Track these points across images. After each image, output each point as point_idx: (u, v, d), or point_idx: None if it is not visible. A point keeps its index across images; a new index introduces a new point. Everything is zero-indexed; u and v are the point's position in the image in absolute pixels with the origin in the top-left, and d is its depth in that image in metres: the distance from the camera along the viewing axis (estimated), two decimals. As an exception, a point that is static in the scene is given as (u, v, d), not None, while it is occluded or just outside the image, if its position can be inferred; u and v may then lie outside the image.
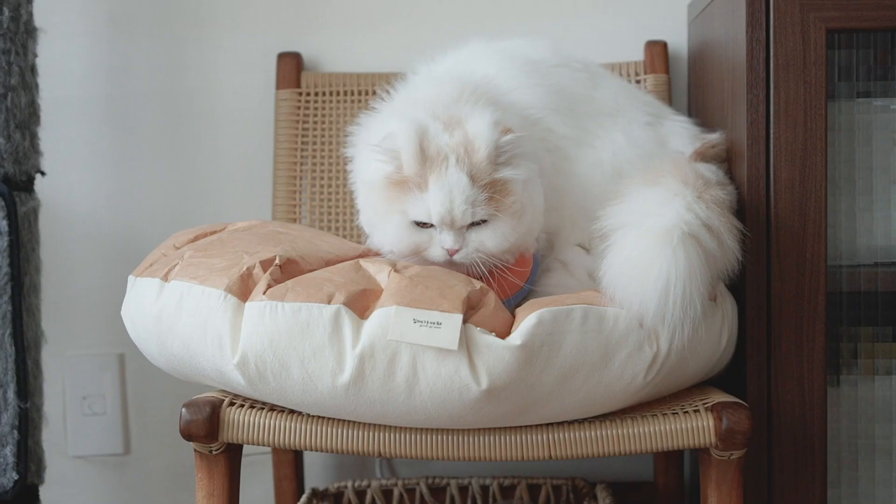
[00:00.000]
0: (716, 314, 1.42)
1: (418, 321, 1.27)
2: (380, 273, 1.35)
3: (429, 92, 1.47)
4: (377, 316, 1.28)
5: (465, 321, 1.28)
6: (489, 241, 1.39)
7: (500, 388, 1.27)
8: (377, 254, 1.52)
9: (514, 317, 1.33)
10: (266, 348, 1.29)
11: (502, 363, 1.27)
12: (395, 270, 1.34)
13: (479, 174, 1.37)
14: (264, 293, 1.31)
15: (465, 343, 1.27)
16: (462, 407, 1.28)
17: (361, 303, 1.31)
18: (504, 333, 1.29)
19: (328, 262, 1.42)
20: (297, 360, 1.29)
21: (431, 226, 1.39)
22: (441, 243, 1.38)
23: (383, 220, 1.41)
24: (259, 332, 1.30)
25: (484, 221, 1.38)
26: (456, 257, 1.39)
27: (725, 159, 1.61)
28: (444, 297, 1.29)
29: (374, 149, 1.39)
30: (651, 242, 1.35)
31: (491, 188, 1.38)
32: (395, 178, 1.38)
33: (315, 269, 1.39)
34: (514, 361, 1.27)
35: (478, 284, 1.35)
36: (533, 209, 1.42)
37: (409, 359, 1.27)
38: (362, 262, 1.38)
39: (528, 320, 1.28)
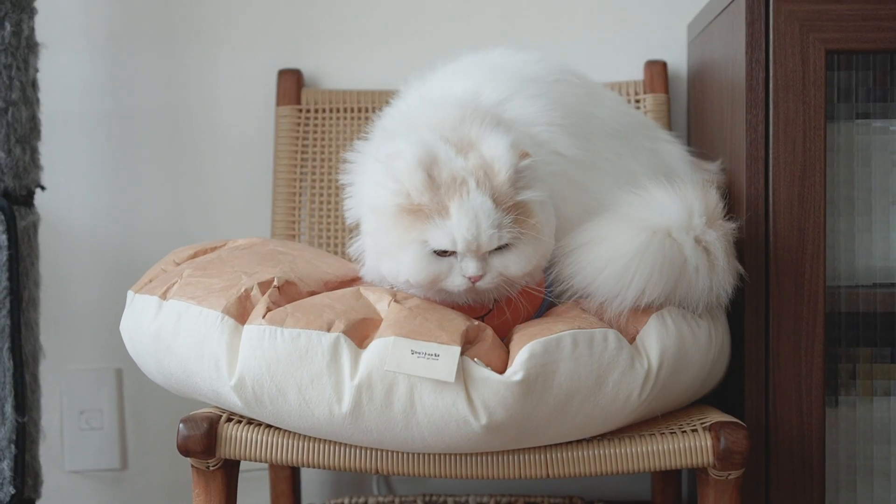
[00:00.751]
0: (701, 325, 1.41)
1: (416, 352, 1.26)
2: (380, 302, 1.35)
3: (430, 114, 1.41)
4: (375, 346, 1.28)
5: (462, 354, 1.27)
6: (513, 265, 1.33)
7: (498, 424, 1.27)
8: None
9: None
10: (264, 373, 1.29)
11: (498, 398, 1.26)
12: (395, 300, 1.34)
13: (501, 197, 1.32)
14: (263, 317, 1.31)
15: (462, 376, 1.26)
16: (459, 438, 1.28)
17: (361, 332, 1.30)
18: (501, 369, 1.28)
19: (327, 284, 1.42)
20: (294, 387, 1.29)
21: (452, 254, 1.32)
22: (463, 271, 1.32)
23: (398, 250, 1.33)
24: (257, 357, 1.29)
25: (506, 245, 1.33)
26: (479, 284, 1.33)
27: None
28: (443, 329, 1.29)
29: (378, 170, 1.34)
30: (624, 227, 1.37)
31: (514, 211, 1.32)
32: (408, 206, 1.32)
33: (314, 291, 1.39)
34: (511, 397, 1.26)
35: (475, 321, 1.34)
36: (549, 230, 1.37)
37: (406, 390, 1.26)
38: (362, 290, 1.37)
39: (520, 355, 1.28)
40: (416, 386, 1.26)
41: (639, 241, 1.36)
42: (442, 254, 1.32)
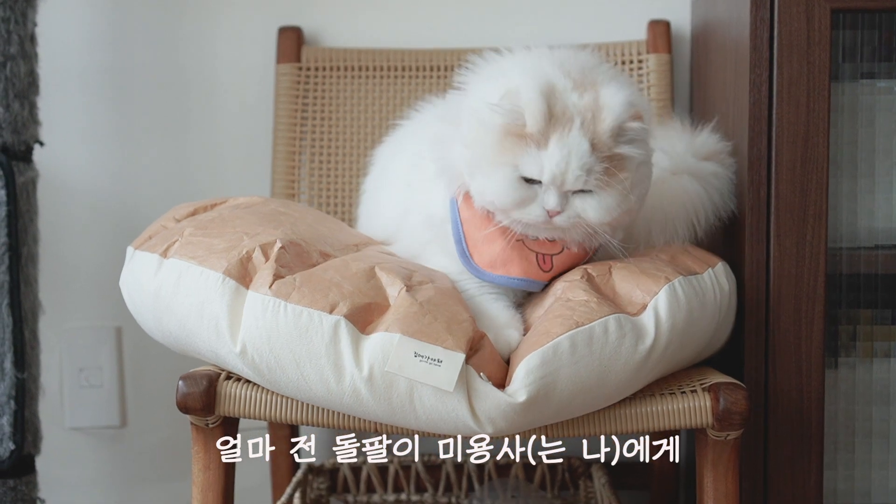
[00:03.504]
0: (706, 291, 1.40)
1: (419, 355, 1.24)
2: (391, 286, 1.32)
3: (566, 52, 1.41)
4: (379, 340, 1.26)
5: (467, 361, 1.25)
6: (591, 210, 1.34)
7: (501, 431, 1.27)
8: (376, 243, 1.51)
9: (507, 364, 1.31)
10: (264, 343, 1.28)
11: (500, 411, 1.25)
12: (407, 288, 1.31)
13: (600, 144, 1.33)
14: (270, 287, 1.29)
15: (465, 386, 1.25)
16: (459, 434, 1.28)
17: (365, 316, 1.29)
18: (499, 378, 1.27)
19: (324, 253, 1.40)
20: (292, 362, 1.28)
21: (538, 184, 1.33)
22: (544, 203, 1.33)
23: (491, 168, 1.34)
24: (259, 327, 1.28)
25: (590, 191, 1.34)
26: (556, 219, 1.34)
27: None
28: (450, 332, 1.26)
29: (493, 108, 1.33)
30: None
31: (609, 161, 1.33)
32: (514, 129, 1.32)
33: (322, 252, 1.38)
34: (513, 412, 1.25)
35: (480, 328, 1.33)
36: (640, 191, 1.38)
37: (406, 388, 1.25)
38: (377, 269, 1.34)
39: (518, 371, 1.26)
40: (417, 387, 1.25)
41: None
42: (529, 182, 1.33)
